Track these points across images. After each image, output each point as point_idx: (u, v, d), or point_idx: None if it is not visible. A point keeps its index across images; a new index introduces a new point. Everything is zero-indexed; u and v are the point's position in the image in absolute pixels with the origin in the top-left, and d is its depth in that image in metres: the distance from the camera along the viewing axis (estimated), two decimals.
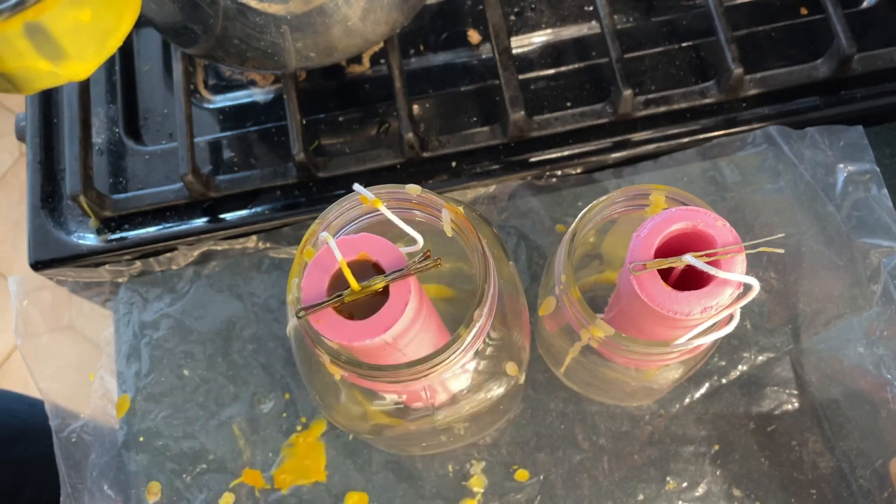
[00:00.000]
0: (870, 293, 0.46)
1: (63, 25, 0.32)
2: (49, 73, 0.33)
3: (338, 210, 0.33)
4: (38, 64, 0.33)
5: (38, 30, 0.31)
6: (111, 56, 0.35)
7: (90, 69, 0.34)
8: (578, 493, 0.45)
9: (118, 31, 0.34)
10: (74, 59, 0.33)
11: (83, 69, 0.34)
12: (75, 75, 0.34)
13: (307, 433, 0.47)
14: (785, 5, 0.54)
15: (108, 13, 0.33)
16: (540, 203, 0.50)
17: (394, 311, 0.29)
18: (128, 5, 0.34)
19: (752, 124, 0.50)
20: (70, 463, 0.47)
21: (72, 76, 0.34)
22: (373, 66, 0.55)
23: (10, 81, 0.33)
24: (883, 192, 0.47)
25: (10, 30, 0.31)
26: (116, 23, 0.34)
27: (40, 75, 0.33)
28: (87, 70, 0.34)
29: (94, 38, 0.33)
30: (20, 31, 0.31)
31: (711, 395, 0.46)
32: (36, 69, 0.33)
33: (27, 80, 0.33)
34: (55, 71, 0.33)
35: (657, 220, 0.32)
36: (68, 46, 0.33)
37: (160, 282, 0.50)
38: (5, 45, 0.31)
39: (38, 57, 0.32)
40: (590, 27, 0.55)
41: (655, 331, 0.33)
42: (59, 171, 0.52)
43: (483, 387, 0.37)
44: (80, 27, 0.32)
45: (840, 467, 0.44)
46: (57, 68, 0.33)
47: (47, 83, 0.34)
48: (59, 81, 0.34)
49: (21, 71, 0.33)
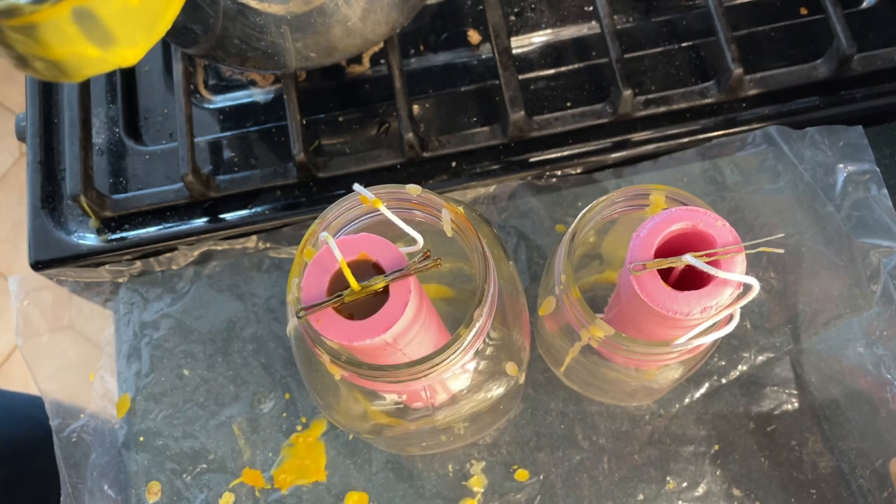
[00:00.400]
0: (870, 293, 0.46)
1: (111, 10, 0.31)
2: (98, 59, 0.33)
3: (338, 210, 0.33)
4: (87, 50, 0.32)
5: (87, 15, 0.31)
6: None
7: (139, 54, 0.34)
8: (578, 493, 0.45)
9: (166, 14, 0.34)
10: (124, 44, 0.33)
11: (132, 54, 0.34)
12: (124, 61, 0.33)
13: (307, 433, 0.47)
14: (785, 5, 0.54)
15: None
16: (540, 203, 0.50)
17: (394, 311, 0.29)
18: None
19: (752, 124, 0.50)
20: (70, 463, 0.47)
21: (121, 62, 0.33)
22: (373, 66, 0.55)
23: (59, 68, 0.33)
24: (883, 192, 0.47)
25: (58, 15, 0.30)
26: (165, 6, 0.34)
27: (90, 61, 0.33)
28: (136, 55, 0.34)
29: (142, 23, 0.33)
30: (69, 17, 0.30)
31: (711, 395, 0.46)
32: (85, 55, 0.32)
33: (76, 66, 0.33)
34: (104, 57, 0.33)
35: (657, 220, 0.32)
36: (117, 31, 0.32)
37: (160, 282, 0.50)
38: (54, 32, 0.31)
39: (88, 43, 0.32)
40: (590, 27, 0.55)
41: (655, 331, 0.33)
42: (60, 171, 0.52)
43: (483, 387, 0.37)
44: (129, 11, 0.32)
45: (840, 467, 0.44)
46: (106, 54, 0.33)
47: (96, 69, 0.33)
48: (109, 67, 0.34)
49: (70, 57, 0.32)
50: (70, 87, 0.52)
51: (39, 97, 0.53)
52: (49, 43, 0.31)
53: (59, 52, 0.32)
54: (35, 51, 0.32)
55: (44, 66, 0.33)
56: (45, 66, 0.33)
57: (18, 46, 0.32)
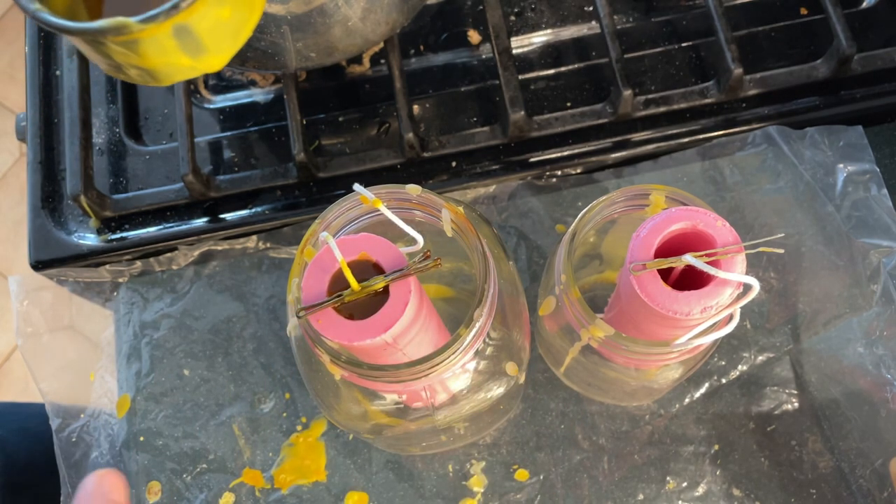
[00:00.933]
0: (869, 293, 0.46)
1: (207, 24, 0.33)
2: (189, 67, 0.35)
3: (338, 210, 0.33)
4: (180, 60, 0.34)
5: (185, 30, 0.32)
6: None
7: (224, 61, 0.36)
8: (578, 493, 0.45)
9: (249, 22, 0.35)
10: (213, 53, 0.35)
11: (218, 62, 0.36)
12: (210, 67, 0.35)
13: (307, 433, 0.47)
14: (785, 5, 0.54)
15: (243, 8, 0.35)
16: (540, 203, 0.50)
17: (394, 311, 0.29)
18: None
19: (752, 124, 0.50)
20: (70, 463, 0.47)
21: (207, 69, 0.35)
22: (373, 67, 0.55)
23: (152, 75, 0.35)
24: (883, 192, 0.47)
25: (160, 32, 0.32)
26: (249, 15, 0.35)
27: (181, 69, 0.35)
28: (222, 62, 0.36)
29: (230, 33, 0.35)
30: (169, 32, 0.32)
31: (711, 395, 0.46)
32: (178, 64, 0.34)
33: (168, 74, 0.35)
34: (194, 65, 0.35)
35: (657, 220, 0.32)
36: (208, 42, 0.34)
37: (160, 282, 0.50)
38: (154, 45, 0.33)
39: (182, 54, 0.34)
40: (590, 27, 0.55)
41: (655, 331, 0.33)
42: (60, 171, 0.52)
43: (483, 387, 0.37)
44: (221, 24, 0.34)
45: (840, 467, 0.44)
46: (196, 63, 0.35)
47: (186, 76, 0.35)
48: (197, 74, 0.35)
49: (164, 67, 0.34)
50: (70, 87, 0.52)
51: (39, 97, 0.53)
52: (147, 54, 0.33)
53: (155, 62, 0.34)
54: (132, 60, 0.34)
55: (137, 73, 0.35)
56: (139, 72, 0.35)
57: (117, 56, 0.34)
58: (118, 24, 0.31)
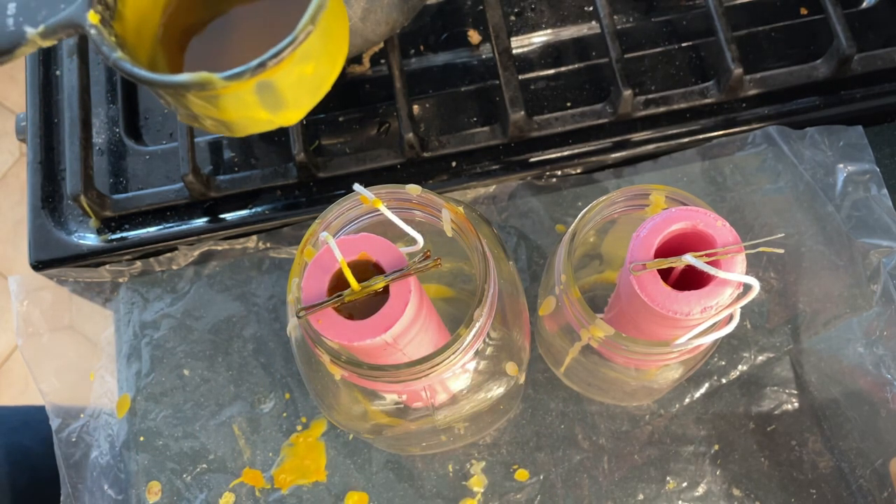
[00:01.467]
0: (869, 293, 0.46)
1: (289, 80, 0.33)
2: (266, 121, 0.34)
3: (338, 210, 0.33)
4: (259, 114, 0.34)
5: (268, 86, 0.32)
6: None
7: (302, 115, 0.35)
8: (578, 493, 0.45)
9: (331, 77, 0.35)
10: (291, 108, 0.34)
11: (296, 116, 0.35)
12: (287, 121, 0.35)
13: (307, 433, 0.47)
14: (785, 5, 0.54)
15: (326, 63, 0.34)
16: (540, 203, 0.50)
17: (394, 311, 0.29)
18: (341, 52, 0.35)
19: (752, 124, 0.50)
20: (70, 463, 0.47)
21: (284, 122, 0.35)
22: (373, 67, 0.55)
23: (228, 127, 0.34)
24: (883, 192, 0.47)
25: (243, 88, 0.31)
26: (331, 70, 0.35)
27: (258, 123, 0.34)
28: (299, 116, 0.35)
29: (311, 89, 0.35)
30: (252, 89, 0.32)
31: (711, 395, 0.46)
32: (256, 118, 0.34)
33: (245, 127, 0.34)
34: (272, 119, 0.34)
35: (657, 220, 0.32)
36: (289, 98, 0.34)
37: (160, 282, 0.50)
38: (235, 100, 0.32)
39: (261, 109, 0.33)
40: (590, 27, 0.55)
41: (655, 331, 0.33)
42: (60, 171, 0.52)
43: (483, 387, 0.37)
44: (303, 80, 0.33)
45: (840, 467, 0.44)
46: (274, 117, 0.34)
47: (262, 129, 0.35)
48: (272, 127, 0.35)
49: (242, 120, 0.34)
50: (70, 87, 0.52)
51: (40, 97, 0.53)
52: (227, 108, 0.33)
53: (234, 115, 0.33)
54: (211, 113, 0.34)
55: (213, 123, 0.34)
56: (215, 123, 0.34)
57: (195, 108, 0.33)
58: (203, 80, 0.31)
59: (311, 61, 0.33)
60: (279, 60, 0.31)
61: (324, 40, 0.33)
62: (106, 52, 0.33)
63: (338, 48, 0.35)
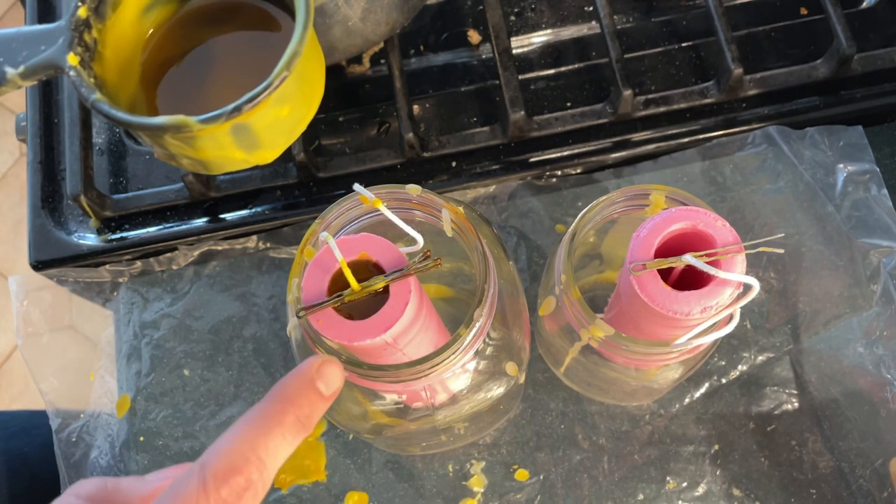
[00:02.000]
0: (870, 293, 0.46)
1: (265, 122, 0.33)
2: (241, 160, 0.35)
3: (338, 210, 0.33)
4: (234, 154, 0.34)
5: (244, 128, 0.33)
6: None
7: (277, 155, 0.36)
8: (578, 493, 0.45)
9: (306, 119, 0.36)
10: (266, 148, 0.35)
11: (271, 156, 0.36)
12: (262, 160, 0.36)
13: None
14: (785, 5, 0.54)
15: (302, 106, 0.35)
16: (540, 203, 0.50)
17: (394, 311, 0.29)
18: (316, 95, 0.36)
19: (752, 124, 0.50)
20: (70, 463, 0.47)
21: (259, 161, 0.36)
22: (373, 67, 0.55)
23: (204, 166, 0.35)
24: (883, 192, 0.47)
25: (219, 131, 0.32)
26: (306, 112, 0.36)
27: (233, 162, 0.35)
28: (274, 156, 0.36)
29: (286, 130, 0.35)
30: (227, 130, 0.33)
31: (711, 395, 0.46)
32: (231, 158, 0.35)
33: (220, 166, 0.35)
34: (247, 159, 0.35)
35: (657, 220, 0.32)
36: (264, 139, 0.34)
37: (160, 282, 0.50)
38: (211, 141, 0.33)
39: (237, 149, 0.34)
40: (590, 27, 0.55)
41: (655, 331, 0.33)
42: (60, 171, 0.52)
43: (483, 387, 0.37)
44: (279, 122, 0.34)
45: (840, 467, 0.44)
46: (249, 157, 0.35)
47: (237, 167, 0.36)
48: (247, 166, 0.36)
49: (218, 160, 0.35)
50: (70, 87, 0.52)
51: (40, 97, 0.53)
52: (203, 148, 0.33)
53: (210, 155, 0.34)
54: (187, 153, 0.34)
55: (189, 162, 0.35)
56: (191, 162, 0.35)
57: (172, 148, 0.34)
58: (179, 123, 0.32)
59: (286, 104, 0.34)
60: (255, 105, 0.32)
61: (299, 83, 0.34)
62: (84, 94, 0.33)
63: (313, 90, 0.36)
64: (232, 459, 0.25)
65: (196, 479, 0.24)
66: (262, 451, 0.25)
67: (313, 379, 0.27)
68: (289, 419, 0.26)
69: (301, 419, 0.27)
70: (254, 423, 0.26)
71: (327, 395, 0.28)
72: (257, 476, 0.25)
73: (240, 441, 0.25)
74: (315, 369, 0.27)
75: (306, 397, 0.27)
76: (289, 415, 0.26)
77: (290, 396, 0.27)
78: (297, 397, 0.27)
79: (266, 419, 0.26)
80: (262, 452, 0.25)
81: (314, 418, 0.27)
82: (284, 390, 0.27)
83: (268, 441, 0.25)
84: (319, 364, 0.28)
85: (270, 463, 0.25)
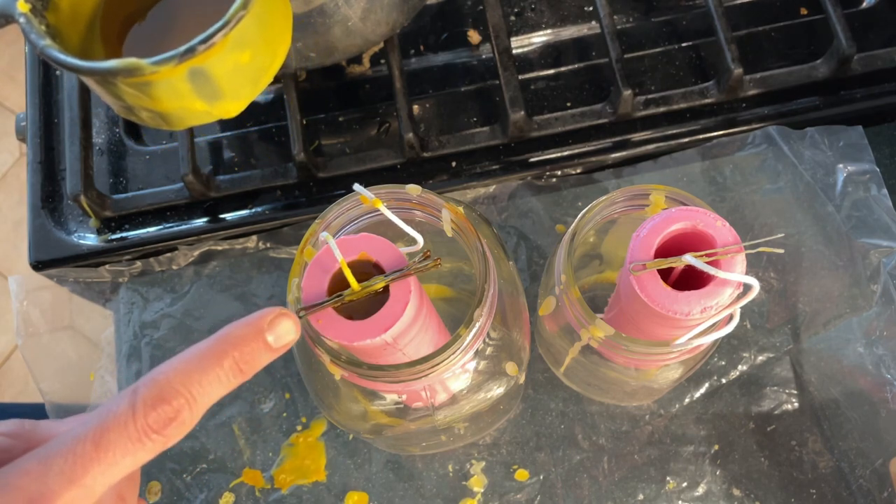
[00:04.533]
0: (869, 293, 0.46)
1: (224, 68, 0.32)
2: (204, 112, 0.34)
3: (338, 210, 0.33)
4: (195, 105, 0.33)
5: (201, 74, 0.32)
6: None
7: (241, 107, 0.35)
8: (578, 493, 0.45)
9: (271, 68, 0.35)
10: (229, 98, 0.34)
11: (235, 107, 0.35)
12: (226, 113, 0.35)
13: (307, 433, 0.47)
14: (785, 5, 0.54)
15: (264, 53, 0.34)
16: (540, 203, 0.50)
17: (394, 311, 0.29)
18: (282, 43, 0.35)
19: (752, 124, 0.50)
20: None
21: (223, 114, 0.35)
22: (373, 67, 0.55)
23: (164, 119, 0.34)
24: (883, 193, 0.47)
25: (175, 75, 0.31)
26: (271, 61, 0.34)
27: (195, 114, 0.34)
28: (238, 108, 0.35)
29: (249, 78, 0.34)
30: (184, 76, 0.31)
31: (711, 395, 0.46)
32: (192, 109, 0.34)
33: (181, 118, 0.34)
34: (209, 110, 0.34)
35: (657, 220, 0.32)
36: (225, 87, 0.33)
37: (160, 282, 0.50)
38: (167, 88, 0.32)
39: (197, 98, 0.33)
40: (590, 27, 0.55)
41: (655, 331, 0.33)
42: (60, 171, 0.52)
43: (483, 387, 0.37)
44: (239, 69, 0.33)
45: (840, 467, 0.44)
46: (211, 108, 0.34)
47: (199, 121, 0.35)
48: (210, 119, 0.35)
49: (178, 111, 0.34)
50: (70, 87, 0.52)
51: (40, 97, 0.53)
52: (160, 98, 0.32)
53: (168, 105, 0.33)
54: (144, 103, 0.33)
55: (149, 115, 0.34)
56: (151, 115, 0.34)
57: (128, 98, 0.33)
58: (130, 66, 0.30)
59: (247, 49, 0.32)
60: (209, 45, 0.30)
61: (260, 27, 0.33)
62: (34, 40, 0.32)
63: (277, 36, 0.34)
64: (164, 389, 0.25)
65: (126, 401, 0.25)
66: (195, 387, 0.26)
67: (263, 329, 0.27)
68: (227, 362, 0.26)
69: (240, 364, 0.27)
70: (193, 358, 0.26)
71: (275, 348, 0.28)
72: (186, 409, 0.25)
73: (175, 373, 0.25)
74: (268, 321, 0.27)
75: (250, 344, 0.27)
76: (228, 357, 0.26)
77: (235, 340, 0.27)
78: (240, 342, 0.27)
79: (205, 357, 0.26)
80: (195, 388, 0.26)
81: (255, 366, 0.27)
82: (231, 332, 0.27)
83: (202, 377, 0.26)
84: (274, 316, 0.28)
85: (201, 400, 0.26)
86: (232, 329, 0.27)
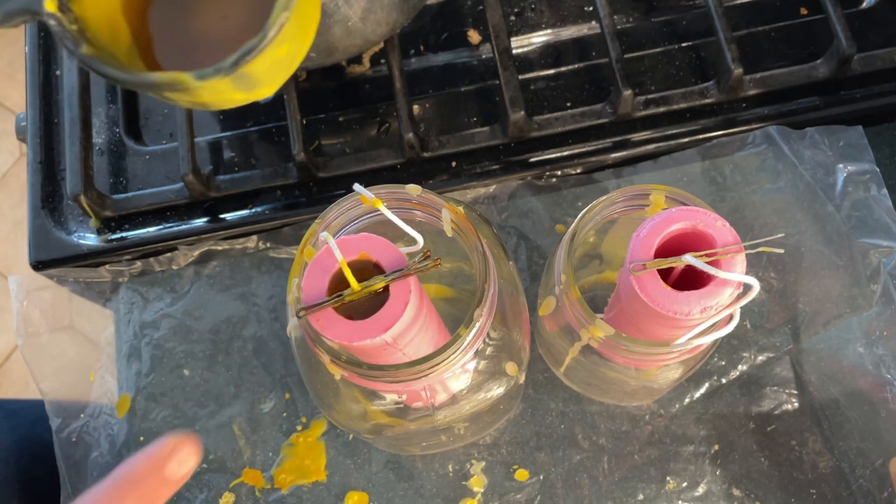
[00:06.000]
0: (869, 293, 0.46)
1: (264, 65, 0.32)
2: (242, 99, 0.34)
3: (338, 210, 0.33)
4: (234, 96, 0.34)
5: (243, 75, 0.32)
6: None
7: (276, 89, 0.35)
8: (578, 493, 0.45)
9: (303, 51, 0.35)
10: (266, 86, 0.34)
11: (270, 91, 0.35)
12: (262, 97, 0.35)
13: (307, 433, 0.47)
14: (785, 5, 0.54)
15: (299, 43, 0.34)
16: (540, 203, 0.50)
17: (394, 311, 0.29)
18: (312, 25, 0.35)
19: (752, 124, 0.50)
20: (70, 463, 0.47)
21: (259, 97, 0.35)
22: (373, 67, 0.55)
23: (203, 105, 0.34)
24: (882, 192, 0.47)
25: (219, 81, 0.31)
26: (302, 45, 0.35)
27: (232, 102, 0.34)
28: (272, 91, 0.35)
29: (284, 67, 0.34)
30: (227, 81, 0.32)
31: (711, 395, 0.46)
32: (231, 99, 0.34)
33: (219, 104, 0.34)
34: (247, 97, 0.34)
35: (657, 220, 0.32)
36: (263, 79, 0.33)
37: (160, 282, 0.50)
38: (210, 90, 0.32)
39: (236, 91, 0.33)
40: (590, 27, 0.55)
41: (655, 331, 0.33)
42: (60, 171, 0.52)
43: (483, 387, 0.37)
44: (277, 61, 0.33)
45: (840, 467, 0.44)
46: (249, 95, 0.34)
47: (236, 104, 0.35)
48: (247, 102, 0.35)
49: (217, 102, 0.34)
50: (70, 86, 0.52)
51: (39, 97, 0.53)
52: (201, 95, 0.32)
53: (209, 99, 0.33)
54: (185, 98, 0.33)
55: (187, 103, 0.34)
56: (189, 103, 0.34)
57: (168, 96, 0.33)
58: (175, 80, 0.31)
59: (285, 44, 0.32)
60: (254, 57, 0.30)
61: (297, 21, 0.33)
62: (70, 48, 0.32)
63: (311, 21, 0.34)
64: None
65: None
66: None
67: (163, 461, 0.26)
68: (128, 503, 0.26)
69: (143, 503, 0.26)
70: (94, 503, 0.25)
71: (176, 479, 0.27)
72: None
73: None
74: (168, 450, 0.27)
75: (148, 483, 0.26)
76: (128, 499, 0.26)
77: (135, 478, 0.26)
78: (140, 481, 0.26)
79: (105, 501, 0.25)
80: None
81: (157, 503, 0.26)
82: (130, 470, 0.26)
83: None
84: (175, 444, 0.27)
85: None
86: (131, 465, 0.26)
